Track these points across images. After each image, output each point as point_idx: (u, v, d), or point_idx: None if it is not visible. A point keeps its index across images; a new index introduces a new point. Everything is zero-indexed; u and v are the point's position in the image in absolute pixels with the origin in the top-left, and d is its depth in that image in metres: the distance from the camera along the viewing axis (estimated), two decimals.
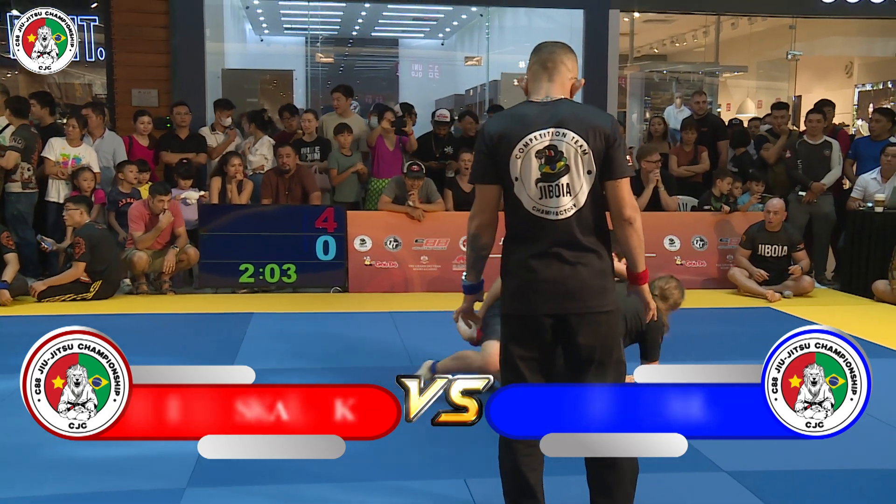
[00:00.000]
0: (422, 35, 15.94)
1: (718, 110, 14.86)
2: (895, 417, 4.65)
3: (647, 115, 13.78)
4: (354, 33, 15.27)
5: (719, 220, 8.99)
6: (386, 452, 4.05)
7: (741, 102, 15.59)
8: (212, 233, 8.40)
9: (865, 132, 11.45)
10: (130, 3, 10.09)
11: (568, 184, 3.01)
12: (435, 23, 15.07)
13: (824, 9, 11.52)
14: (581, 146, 3.00)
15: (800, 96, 14.82)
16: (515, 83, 3.09)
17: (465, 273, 3.40)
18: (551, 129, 3.01)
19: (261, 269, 8.41)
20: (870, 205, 8.85)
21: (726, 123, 11.14)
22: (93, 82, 12.86)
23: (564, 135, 3.00)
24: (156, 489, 3.60)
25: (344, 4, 12.92)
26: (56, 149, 8.42)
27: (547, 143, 3.01)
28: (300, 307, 7.71)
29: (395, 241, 8.54)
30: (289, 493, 3.57)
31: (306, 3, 12.74)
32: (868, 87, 15.42)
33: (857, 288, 8.70)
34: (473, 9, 13.10)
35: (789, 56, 13.14)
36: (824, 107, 10.05)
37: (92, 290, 7.65)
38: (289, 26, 14.88)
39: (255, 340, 6.37)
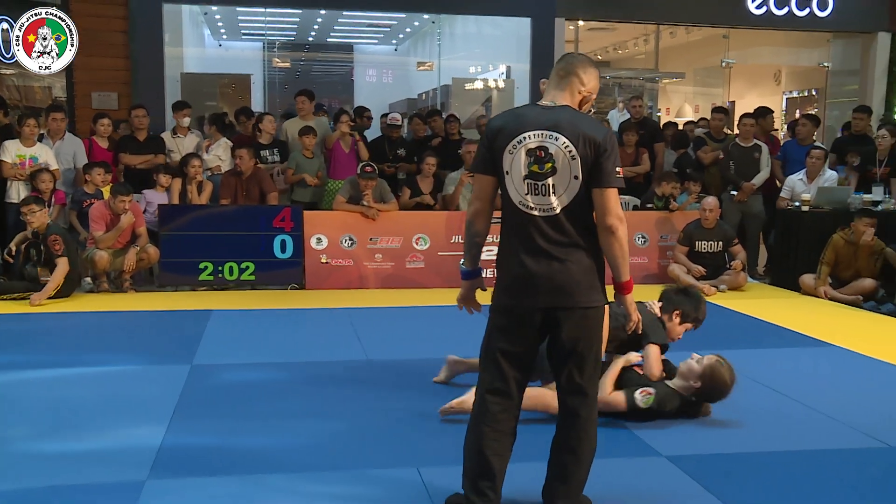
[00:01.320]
0: (376, 41, 15.89)
1: (659, 114, 15.01)
2: (817, 401, 4.77)
3: None
4: (311, 39, 15.17)
5: (659, 217, 9.11)
6: (343, 443, 4.06)
7: (679, 107, 15.79)
8: (171, 232, 8.31)
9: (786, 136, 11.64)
10: (89, 9, 9.93)
11: (554, 185, 3.04)
12: (388, 29, 15.04)
13: (755, 20, 11.75)
14: (570, 151, 3.02)
15: (733, 101, 15.05)
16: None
17: (462, 260, 3.39)
18: (545, 132, 3.05)
19: (220, 268, 8.33)
20: (797, 204, 9.03)
21: (662, 127, 11.29)
22: (52, 85, 12.60)
23: (556, 138, 3.03)
24: (116, 482, 3.53)
25: (300, 11, 12.83)
26: (11, 150, 8.24)
27: (538, 144, 3.04)
28: (258, 304, 7.65)
29: (351, 239, 8.52)
30: (249, 483, 3.54)
31: (263, 10, 12.61)
32: (795, 94, 15.71)
33: (787, 282, 8.87)
34: (425, 16, 13.10)
35: (723, 64, 13.36)
36: (766, 114, 10.26)
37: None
38: (246, 32, 14.74)
39: (215, 336, 6.31)
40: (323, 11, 12.73)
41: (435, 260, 8.66)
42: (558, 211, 3.04)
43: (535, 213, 3.07)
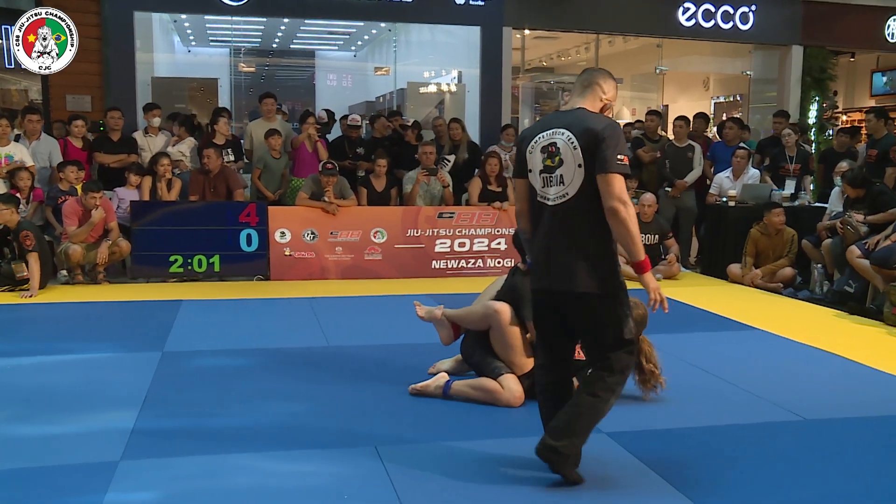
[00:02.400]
0: (336, 47, 15.78)
1: None
2: (742, 380, 4.85)
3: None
4: (275, 45, 15.01)
5: None
6: (305, 424, 4.04)
7: (618, 110, 15.91)
8: (143, 227, 8.19)
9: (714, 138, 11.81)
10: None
11: (562, 175, 3.14)
12: (348, 36, 14.94)
13: (685, 32, 11.90)
14: (573, 143, 3.12)
15: (667, 105, 15.22)
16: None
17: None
18: (556, 129, 3.18)
19: (189, 260, 8.25)
20: (724, 200, 9.18)
21: None
22: (29, 88, 12.33)
23: (563, 133, 3.15)
24: (91, 463, 3.48)
25: (265, 19, 12.67)
26: None
27: (549, 141, 3.18)
28: (226, 294, 7.58)
29: (313, 233, 8.47)
30: (217, 462, 3.51)
31: (230, 18, 12.43)
32: (722, 100, 15.94)
33: (715, 271, 9.01)
34: (382, 24, 13.02)
35: (657, 71, 13.49)
36: (698, 118, 10.43)
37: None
38: (214, 38, 14.52)
39: (185, 325, 6.24)
40: (286, 20, 12.60)
41: (392, 252, 8.64)
42: (563, 200, 3.15)
43: (549, 202, 3.19)
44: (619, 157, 3.06)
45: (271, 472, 3.44)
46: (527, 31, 12.61)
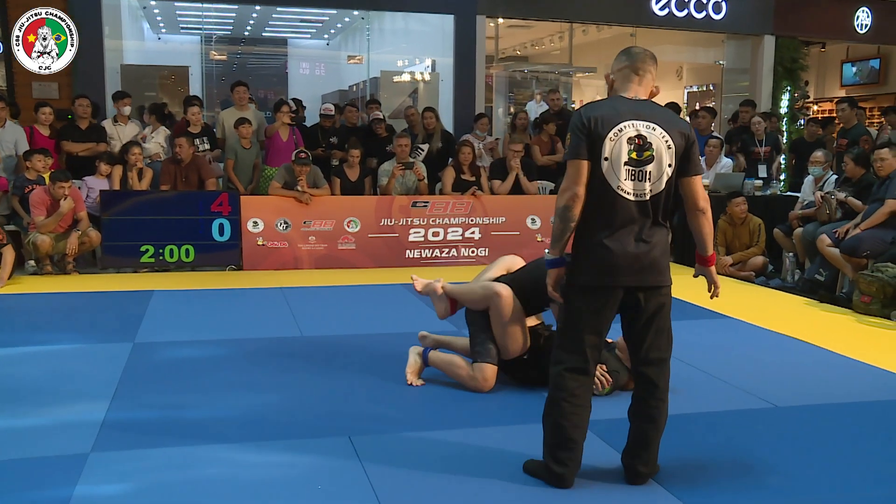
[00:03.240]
0: (309, 35, 15.68)
1: (573, 106, 15.17)
2: (715, 368, 4.90)
3: (511, 110, 13.95)
4: (246, 33, 14.89)
5: None
6: (279, 414, 4.02)
7: (591, 99, 15.93)
8: (113, 217, 8.09)
9: None
10: (29, 1, 9.49)
11: (651, 171, 3.06)
12: (321, 24, 14.85)
13: (658, 21, 11.95)
14: (667, 142, 3.06)
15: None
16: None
17: (548, 249, 3.18)
18: (642, 122, 3.07)
19: (160, 250, 8.17)
20: None
21: None
22: None
23: (654, 129, 3.06)
24: (60, 455, 3.43)
25: (236, 6, 12.56)
26: None
27: (637, 133, 3.05)
28: (198, 285, 7.51)
29: (285, 223, 8.41)
30: (188, 454, 3.48)
31: (200, 5, 12.31)
32: (695, 89, 16.04)
33: (689, 260, 9.06)
34: (356, 12, 12.96)
35: None
36: (670, 107, 10.50)
37: None
38: (184, 26, 14.37)
39: (156, 315, 6.18)
40: (258, 7, 12.49)
41: (365, 241, 8.61)
42: (649, 196, 3.07)
43: (630, 197, 3.06)
44: (700, 157, 3.20)
45: (244, 463, 3.41)
46: (500, 20, 12.61)
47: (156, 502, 3.04)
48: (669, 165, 3.08)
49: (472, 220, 8.85)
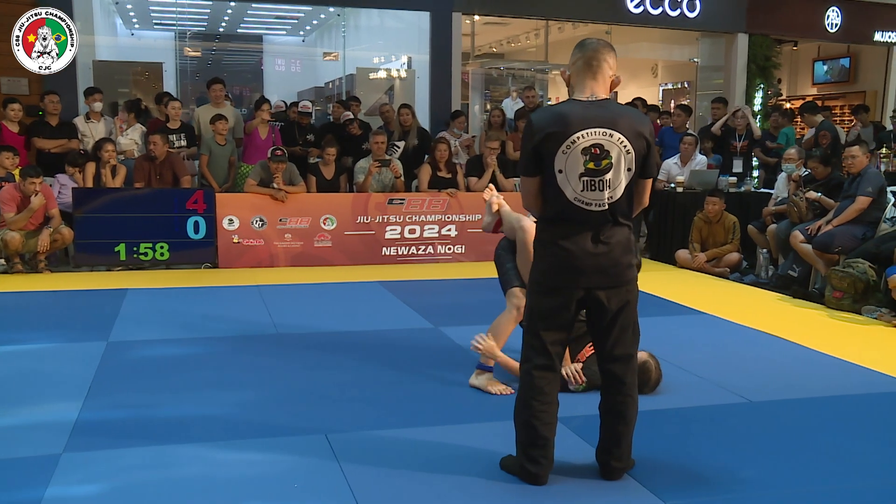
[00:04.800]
0: (284, 32, 15.60)
1: (549, 103, 15.20)
2: (690, 364, 4.92)
3: (488, 107, 13.95)
4: (221, 29, 14.77)
5: None
6: (254, 412, 3.99)
7: (567, 96, 15.97)
8: (86, 214, 8.00)
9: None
10: None
11: (609, 179, 3.00)
12: (296, 21, 14.78)
13: (633, 18, 12.00)
14: (626, 146, 3.00)
15: (616, 92, 15.32)
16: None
17: None
18: (599, 129, 2.98)
19: (134, 248, 8.09)
20: (672, 185, 9.29)
21: None
22: None
23: (612, 135, 2.99)
24: (32, 456, 3.38)
25: (210, 2, 12.47)
26: None
27: (592, 142, 2.98)
28: (173, 283, 7.44)
29: (261, 220, 8.36)
30: (162, 453, 3.44)
31: (174, 0, 12.21)
32: (670, 86, 16.14)
33: (664, 256, 9.13)
34: (331, 9, 12.90)
35: None
36: (651, 111, 10.60)
37: None
38: (158, 21, 14.23)
39: (131, 314, 6.11)
40: (233, 3, 12.39)
41: (341, 239, 8.58)
42: (608, 206, 3.03)
43: (591, 207, 3.03)
44: (656, 158, 3.17)
45: (219, 461, 3.39)
46: (476, 17, 12.60)
47: (129, 503, 3.00)
48: (629, 170, 3.03)
49: (448, 218, 8.85)
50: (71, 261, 8.23)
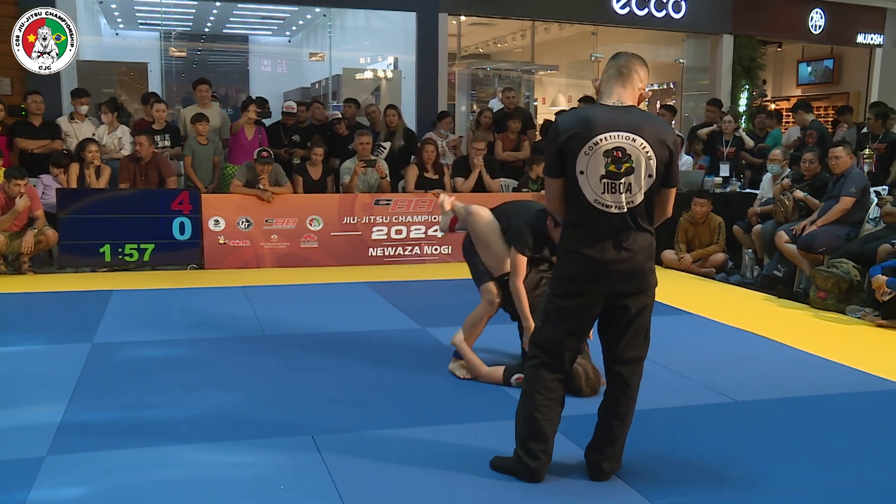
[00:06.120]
0: (270, 32, 15.56)
1: (535, 103, 15.24)
2: (676, 363, 4.94)
3: (474, 107, 13.96)
4: (207, 29, 14.70)
5: (534, 199, 9.22)
6: (240, 414, 3.98)
7: (554, 97, 16.03)
8: (71, 215, 7.94)
9: None
10: None
11: (630, 183, 3.02)
12: (282, 21, 14.74)
13: (619, 19, 12.05)
14: (648, 152, 3.01)
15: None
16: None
17: None
18: (622, 133, 3.00)
19: (119, 249, 8.04)
20: None
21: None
22: None
23: (634, 140, 3.00)
24: (15, 459, 3.36)
25: (196, 2, 12.41)
26: None
27: (615, 145, 3.00)
28: (158, 284, 7.41)
29: (247, 221, 8.33)
30: (147, 455, 3.42)
31: (159, 0, 12.15)
32: (655, 87, 16.19)
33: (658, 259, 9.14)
34: (317, 9, 12.86)
35: (592, 58, 13.61)
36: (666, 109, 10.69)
37: None
38: (143, 21, 14.16)
39: (115, 315, 6.08)
40: (218, 3, 12.34)
41: (328, 240, 8.56)
42: (627, 209, 3.04)
43: (612, 210, 3.03)
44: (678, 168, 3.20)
45: (205, 463, 3.37)
46: (463, 18, 12.60)
47: None
48: (650, 176, 3.04)
49: (435, 218, 8.84)
50: (55, 262, 8.17)
